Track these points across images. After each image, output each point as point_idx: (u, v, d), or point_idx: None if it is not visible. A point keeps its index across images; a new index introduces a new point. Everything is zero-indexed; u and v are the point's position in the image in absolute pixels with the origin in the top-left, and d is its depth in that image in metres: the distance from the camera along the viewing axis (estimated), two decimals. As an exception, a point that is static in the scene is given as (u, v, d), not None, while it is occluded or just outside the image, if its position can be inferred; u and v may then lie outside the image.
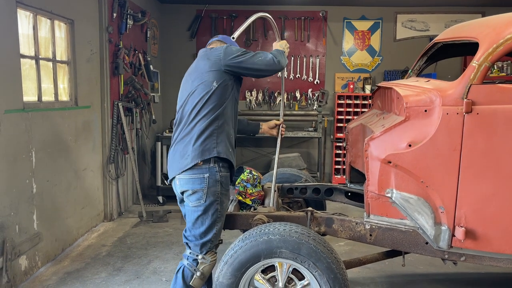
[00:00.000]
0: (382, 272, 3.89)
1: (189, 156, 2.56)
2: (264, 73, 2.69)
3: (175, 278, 2.67)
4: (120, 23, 5.42)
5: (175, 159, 2.66)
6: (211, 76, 2.59)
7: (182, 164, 2.59)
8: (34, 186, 3.77)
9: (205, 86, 2.59)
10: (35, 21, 3.89)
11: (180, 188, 2.66)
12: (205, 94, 2.58)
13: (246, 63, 2.59)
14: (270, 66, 2.63)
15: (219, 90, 2.59)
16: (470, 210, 2.49)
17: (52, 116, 4.06)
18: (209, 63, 2.62)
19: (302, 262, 2.45)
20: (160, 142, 6.16)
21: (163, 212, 5.65)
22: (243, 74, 2.69)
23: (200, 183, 2.57)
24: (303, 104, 7.49)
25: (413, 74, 3.61)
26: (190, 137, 2.59)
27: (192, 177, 2.57)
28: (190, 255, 2.65)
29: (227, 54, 2.59)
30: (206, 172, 2.57)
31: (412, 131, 2.54)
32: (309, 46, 7.48)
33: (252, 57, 2.61)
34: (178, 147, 2.66)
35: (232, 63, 2.58)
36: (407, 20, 7.42)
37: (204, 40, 7.42)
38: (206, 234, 2.62)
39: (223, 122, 2.62)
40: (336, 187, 3.72)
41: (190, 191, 2.60)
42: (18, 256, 3.51)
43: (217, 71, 2.60)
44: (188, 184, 2.60)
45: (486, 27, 2.62)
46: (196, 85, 2.64)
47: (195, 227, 2.63)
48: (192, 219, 2.63)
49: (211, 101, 2.58)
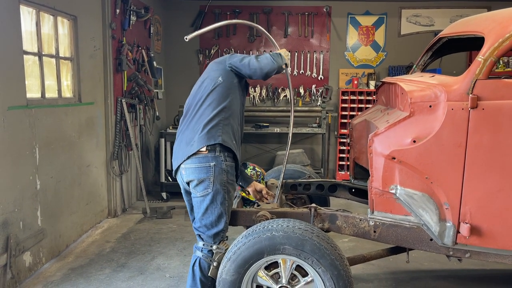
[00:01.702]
0: (386, 268, 3.87)
1: (195, 142, 2.62)
2: (249, 76, 2.80)
3: (192, 272, 2.73)
4: (123, 19, 5.41)
5: (181, 147, 2.71)
6: (217, 73, 2.78)
7: (187, 151, 2.63)
8: (38, 182, 3.78)
9: (211, 81, 2.76)
10: (38, 17, 3.89)
11: (186, 178, 2.67)
12: (211, 86, 2.73)
13: (237, 63, 2.77)
14: (253, 72, 2.75)
15: (224, 83, 2.74)
16: (475, 206, 2.47)
17: (55, 112, 4.07)
18: (216, 65, 2.86)
19: (305, 259, 2.43)
20: (163, 138, 6.16)
21: (167, 208, 5.66)
22: (244, 72, 2.79)
23: (206, 172, 2.60)
24: (307, 100, 7.47)
25: (417, 69, 3.58)
26: (197, 126, 2.66)
27: (199, 166, 2.61)
28: (204, 246, 2.70)
29: (232, 56, 2.85)
30: (212, 161, 2.60)
31: (417, 126, 2.51)
32: (313, 42, 7.44)
33: (241, 61, 2.78)
34: (184, 137, 2.72)
35: (235, 61, 2.78)
36: (411, 15, 7.36)
37: (207, 36, 7.41)
38: (217, 223, 2.67)
39: (229, 115, 2.70)
40: (340, 183, 3.70)
41: (196, 181, 2.62)
42: (22, 252, 3.52)
43: (222, 69, 2.79)
44: (195, 173, 2.62)
45: (492, 22, 2.59)
46: (203, 80, 2.82)
47: (205, 217, 2.66)
48: (201, 210, 2.66)
49: (216, 92, 2.71)
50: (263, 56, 2.78)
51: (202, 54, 7.48)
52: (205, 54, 7.47)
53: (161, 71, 7.15)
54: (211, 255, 2.69)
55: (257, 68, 2.73)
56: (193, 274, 2.73)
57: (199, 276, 2.72)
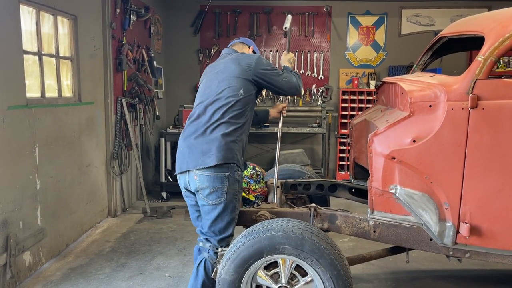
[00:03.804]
0: (386, 268, 3.87)
1: (212, 155, 2.59)
2: (284, 93, 2.87)
3: (197, 271, 2.75)
4: (123, 18, 5.41)
5: (194, 154, 2.65)
6: (239, 83, 2.70)
7: (203, 161, 2.60)
8: (38, 182, 3.78)
9: (232, 91, 2.68)
10: (38, 17, 3.88)
11: (199, 184, 2.64)
12: (231, 99, 2.67)
13: (272, 78, 2.77)
14: (291, 89, 2.84)
15: (244, 99, 2.71)
16: (475, 206, 2.46)
17: (55, 112, 4.06)
18: (239, 69, 2.73)
19: (305, 259, 2.43)
20: (164, 138, 6.15)
21: (167, 208, 5.66)
22: (265, 86, 2.82)
23: (221, 181, 2.62)
24: (307, 99, 7.46)
25: (418, 69, 3.58)
26: (213, 135, 2.63)
27: (214, 174, 2.60)
28: (211, 248, 2.73)
29: (258, 64, 2.74)
30: (227, 171, 2.62)
31: (417, 126, 2.51)
32: (313, 42, 7.44)
33: (279, 76, 2.80)
34: (197, 142, 2.66)
35: (261, 74, 2.74)
36: (412, 15, 7.35)
37: (208, 36, 7.42)
38: (226, 230, 2.70)
39: (243, 131, 2.75)
40: (340, 183, 3.69)
41: (210, 189, 2.62)
42: (22, 252, 3.52)
43: (245, 80, 2.71)
44: (209, 181, 2.61)
45: (492, 21, 2.59)
46: (223, 87, 2.71)
47: (214, 224, 2.68)
48: (211, 217, 2.67)
49: (236, 107, 2.67)
50: (293, 74, 2.88)
51: (202, 54, 7.47)
52: (205, 54, 7.47)
53: (161, 70, 7.15)
54: (216, 257, 2.71)
55: (297, 87, 2.85)
56: (197, 274, 2.75)
57: (202, 276, 2.73)
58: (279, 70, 2.85)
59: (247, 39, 3.12)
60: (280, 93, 2.91)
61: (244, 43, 3.08)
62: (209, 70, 2.92)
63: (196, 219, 2.89)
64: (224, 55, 2.96)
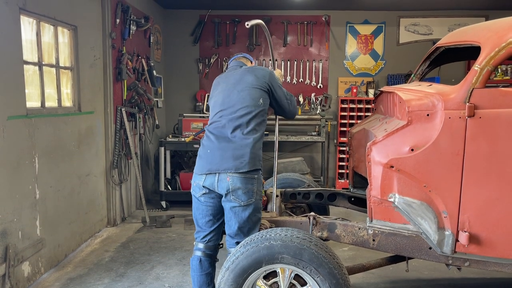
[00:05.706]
0: (386, 277, 3.86)
1: (245, 161, 2.74)
2: (284, 112, 3.07)
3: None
4: (123, 28, 5.45)
5: (226, 157, 2.76)
6: (258, 93, 2.85)
7: (236, 166, 2.73)
8: (37, 191, 3.78)
9: (253, 100, 2.83)
10: (38, 27, 3.91)
11: (232, 185, 2.73)
12: (254, 108, 2.82)
13: (279, 95, 2.96)
14: (291, 112, 3.08)
15: (264, 108, 2.88)
16: (474, 214, 2.47)
17: (55, 121, 4.08)
18: (256, 80, 2.88)
19: (304, 268, 2.43)
20: (163, 147, 6.16)
21: (166, 217, 5.65)
22: (271, 100, 2.96)
23: (252, 183, 2.77)
24: (306, 108, 7.49)
25: (416, 78, 3.60)
26: (244, 142, 2.77)
27: (247, 176, 2.75)
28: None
29: (272, 77, 2.95)
30: (256, 174, 2.80)
31: (415, 135, 2.53)
32: (312, 51, 7.48)
33: (285, 95, 3.01)
34: (229, 147, 2.77)
35: (274, 86, 2.92)
36: (410, 24, 7.41)
37: (207, 45, 7.46)
38: (254, 229, 2.81)
39: (262, 139, 2.91)
40: (339, 192, 3.70)
41: (243, 189, 2.74)
42: (21, 262, 3.51)
43: (262, 91, 2.87)
44: (243, 183, 2.73)
45: (488, 31, 2.61)
46: (244, 96, 2.84)
47: (244, 225, 2.77)
48: (242, 217, 2.75)
49: (259, 116, 2.84)
50: (293, 98, 3.12)
51: (202, 63, 7.51)
52: (205, 63, 7.50)
53: (161, 80, 7.18)
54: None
55: (296, 113, 3.14)
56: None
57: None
58: (286, 90, 3.04)
59: (248, 55, 3.30)
60: (279, 111, 3.07)
61: (247, 58, 3.25)
62: (222, 80, 3.02)
63: (205, 224, 2.90)
64: (234, 67, 3.11)
